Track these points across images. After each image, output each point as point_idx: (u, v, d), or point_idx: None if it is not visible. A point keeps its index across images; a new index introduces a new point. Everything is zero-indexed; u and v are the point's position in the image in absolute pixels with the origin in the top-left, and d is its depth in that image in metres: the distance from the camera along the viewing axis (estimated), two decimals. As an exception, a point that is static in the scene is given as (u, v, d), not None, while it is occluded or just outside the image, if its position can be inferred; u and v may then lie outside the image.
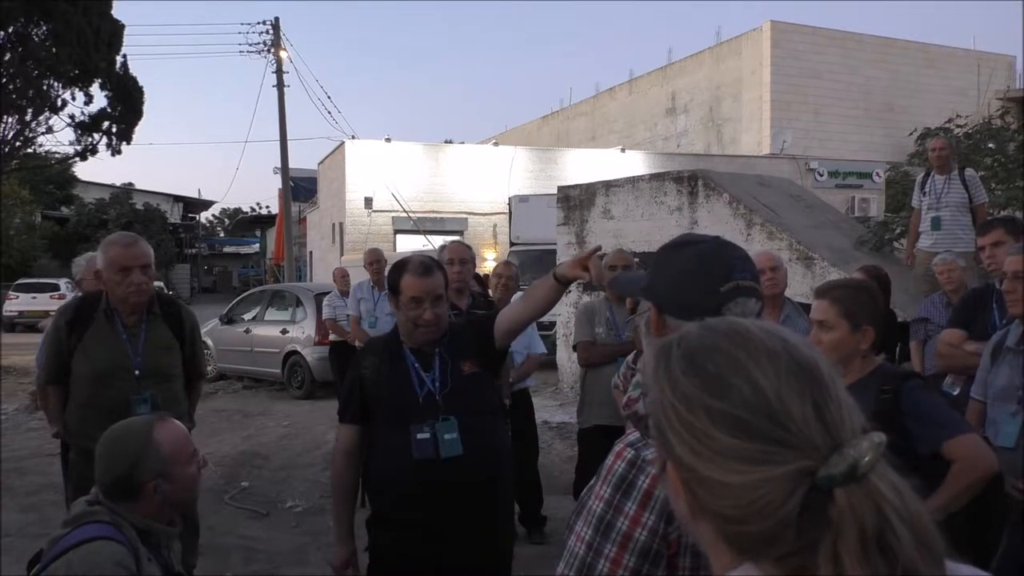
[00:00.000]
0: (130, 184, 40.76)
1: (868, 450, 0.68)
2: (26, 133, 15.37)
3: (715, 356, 0.75)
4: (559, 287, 2.38)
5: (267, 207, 47.53)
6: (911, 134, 11.24)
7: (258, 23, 22.91)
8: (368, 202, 20.44)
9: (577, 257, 2.25)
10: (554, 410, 8.78)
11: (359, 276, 8.36)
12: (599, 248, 2.34)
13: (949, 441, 2.12)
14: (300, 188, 28.42)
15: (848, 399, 0.73)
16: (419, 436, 2.47)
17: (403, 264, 2.62)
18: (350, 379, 2.69)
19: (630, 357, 3.60)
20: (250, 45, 23.60)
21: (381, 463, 2.57)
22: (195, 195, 45.75)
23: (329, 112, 37.35)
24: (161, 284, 27.50)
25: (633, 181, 9.21)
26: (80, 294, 3.44)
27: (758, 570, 0.71)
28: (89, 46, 14.38)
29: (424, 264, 2.58)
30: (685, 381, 0.75)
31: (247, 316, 12.10)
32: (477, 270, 5.22)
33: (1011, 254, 2.97)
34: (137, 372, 3.22)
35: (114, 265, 3.14)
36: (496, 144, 25.26)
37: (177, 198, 43.07)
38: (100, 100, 15.89)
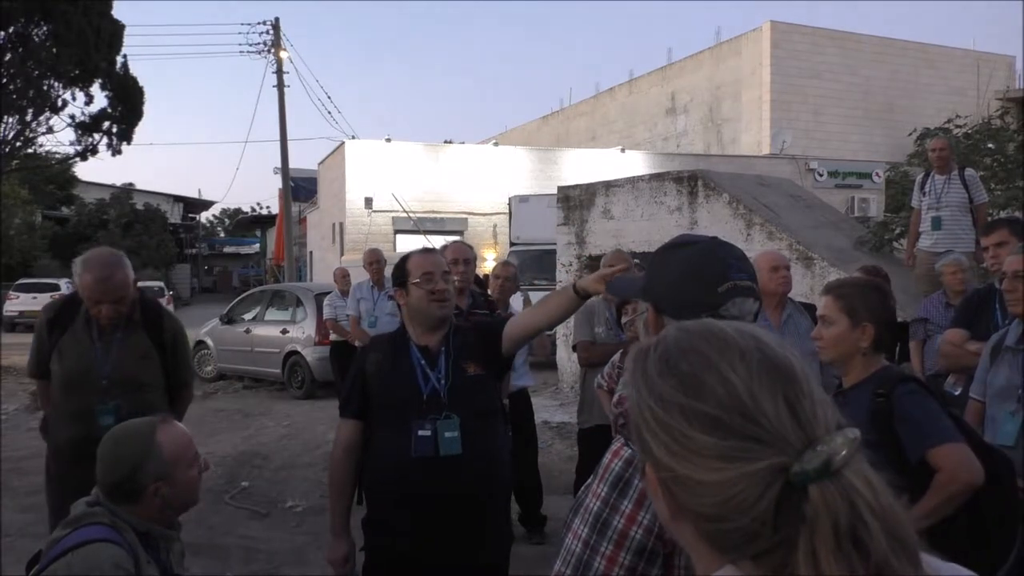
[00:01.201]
0: (130, 184, 40.75)
1: (842, 446, 0.68)
2: (26, 133, 15.39)
3: (689, 356, 0.76)
4: (578, 300, 2.37)
5: (267, 207, 47.53)
6: (911, 134, 11.25)
7: (258, 23, 22.95)
8: (368, 202, 20.44)
9: (601, 272, 2.25)
10: (554, 410, 8.78)
11: (359, 276, 8.36)
12: (626, 268, 2.32)
13: (933, 450, 2.09)
14: (300, 188, 28.41)
15: (823, 396, 0.74)
16: (420, 433, 2.47)
17: (406, 255, 2.72)
18: (353, 373, 2.69)
19: (616, 356, 3.62)
20: (250, 45, 23.64)
21: (380, 460, 2.56)
22: (195, 195, 45.79)
23: (329, 112, 37.47)
24: (161, 284, 27.54)
25: (633, 181, 9.21)
26: (71, 294, 3.44)
27: (738, 570, 0.72)
28: (89, 46, 14.39)
29: (425, 248, 2.79)
30: (660, 382, 0.76)
31: (247, 316, 12.11)
32: (477, 270, 5.22)
33: (1012, 254, 2.97)
34: (104, 381, 3.15)
35: (85, 291, 3.13)
36: (496, 144, 25.25)
37: (177, 198, 43.08)
38: (100, 100, 15.96)
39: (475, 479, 2.51)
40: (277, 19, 22.82)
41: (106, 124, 16.08)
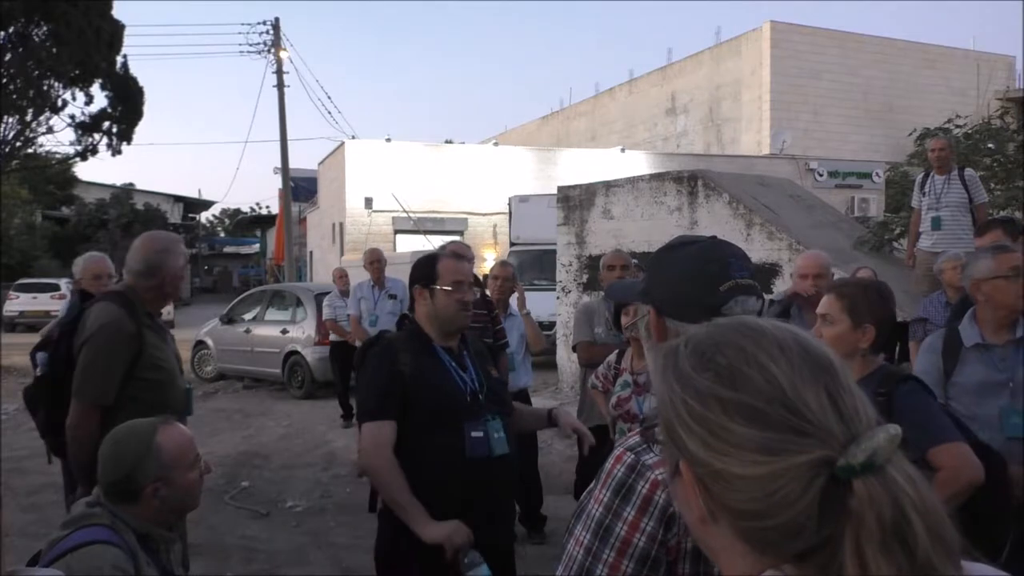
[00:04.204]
0: (130, 184, 40.72)
1: (885, 441, 0.67)
2: (26, 133, 15.42)
3: (726, 350, 0.74)
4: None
5: (267, 207, 47.49)
6: (911, 134, 11.24)
7: (258, 23, 22.97)
8: (368, 202, 20.44)
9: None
10: (554, 410, 8.77)
11: (358, 276, 8.37)
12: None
13: (934, 448, 2.09)
14: (300, 188, 28.42)
15: (860, 392, 0.72)
16: (473, 434, 2.48)
17: (434, 255, 2.73)
18: (385, 374, 2.52)
19: (612, 357, 3.61)
20: (250, 45, 23.67)
21: (430, 463, 2.47)
22: (195, 195, 45.71)
23: (329, 112, 37.50)
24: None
25: (633, 181, 9.20)
26: (120, 297, 3.28)
27: (781, 573, 0.70)
28: (89, 46, 14.42)
29: (456, 251, 2.83)
30: (696, 376, 0.74)
31: (247, 316, 12.10)
32: (476, 271, 5.23)
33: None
34: (179, 370, 3.25)
35: (184, 262, 3.21)
36: (496, 144, 25.24)
37: (177, 198, 43.05)
38: (100, 100, 16.00)
39: (514, 476, 2.65)
40: (277, 19, 22.86)
41: (106, 124, 16.12)
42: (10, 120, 14.73)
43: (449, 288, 2.57)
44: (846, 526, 0.65)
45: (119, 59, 15.84)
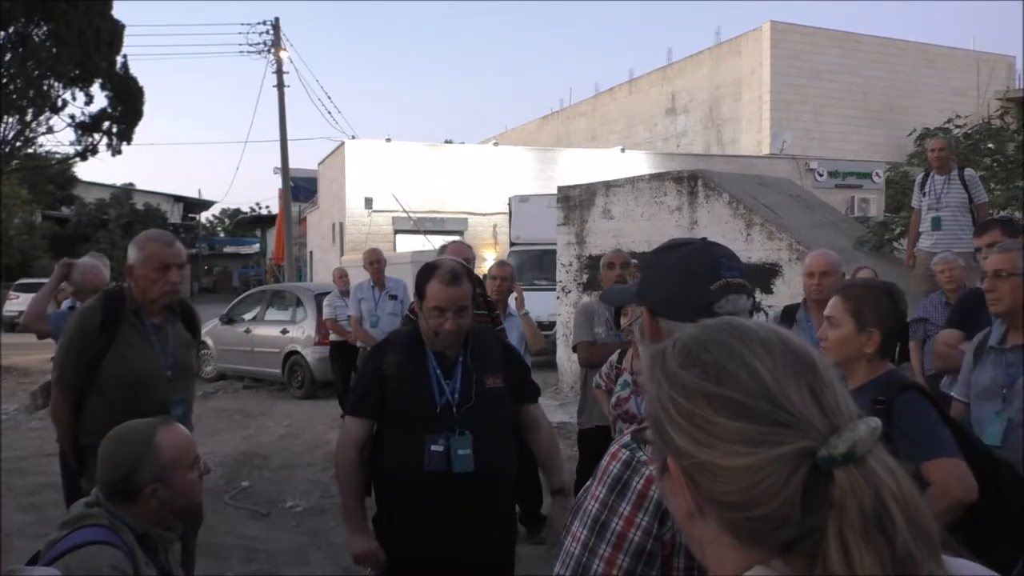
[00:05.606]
0: (130, 184, 40.79)
1: (866, 433, 0.69)
2: (26, 133, 15.43)
3: (711, 347, 0.77)
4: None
5: (267, 207, 47.47)
6: (911, 134, 11.25)
7: (258, 23, 22.99)
8: (368, 202, 20.44)
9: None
10: (554, 410, 8.77)
11: (358, 276, 8.37)
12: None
13: (927, 463, 2.05)
14: (300, 188, 28.41)
15: (842, 387, 0.75)
16: (432, 448, 2.44)
17: (431, 269, 2.54)
18: (370, 371, 2.61)
19: (614, 357, 3.61)
20: (250, 45, 23.68)
21: (391, 467, 2.53)
22: (195, 195, 45.77)
23: (329, 112, 37.51)
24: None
25: (633, 181, 9.20)
26: (110, 292, 3.25)
27: (769, 570, 0.72)
28: (89, 46, 14.43)
29: (453, 273, 2.49)
30: (683, 373, 0.76)
31: (247, 316, 12.11)
32: (476, 270, 5.22)
33: (993, 252, 2.97)
34: (169, 373, 3.15)
35: (153, 262, 3.05)
36: (496, 144, 25.24)
37: (177, 198, 43.11)
38: (100, 100, 16.00)
39: (485, 492, 2.52)
40: (277, 19, 22.87)
41: (106, 124, 16.14)
42: (10, 120, 14.76)
43: (427, 313, 2.52)
44: (829, 516, 0.67)
45: (119, 59, 15.87)
